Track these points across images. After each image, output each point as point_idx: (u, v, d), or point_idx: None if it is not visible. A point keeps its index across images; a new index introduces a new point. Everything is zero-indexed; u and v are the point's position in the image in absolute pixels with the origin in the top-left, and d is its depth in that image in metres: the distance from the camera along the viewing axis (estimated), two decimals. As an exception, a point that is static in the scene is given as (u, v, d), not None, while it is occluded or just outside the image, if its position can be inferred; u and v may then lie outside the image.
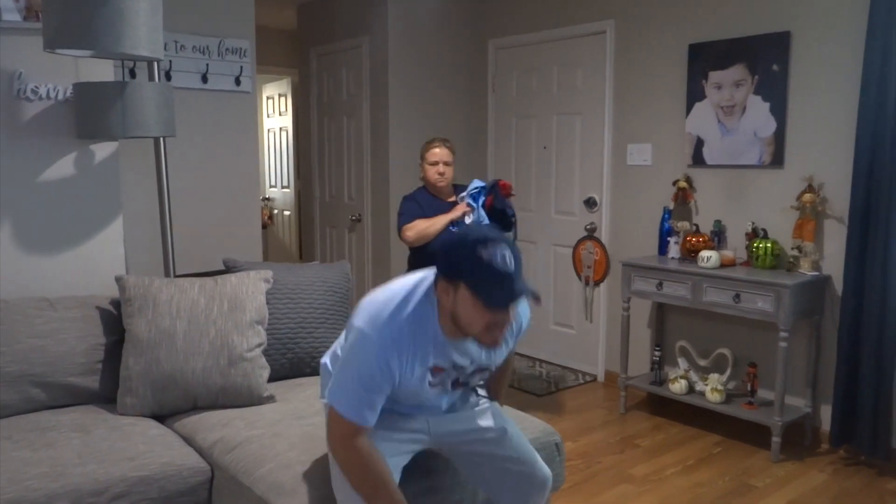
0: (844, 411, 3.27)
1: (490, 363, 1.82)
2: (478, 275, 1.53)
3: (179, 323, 2.44)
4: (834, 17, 3.33)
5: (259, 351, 2.52)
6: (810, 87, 3.44)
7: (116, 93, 2.62)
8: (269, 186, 7.55)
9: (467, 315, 1.58)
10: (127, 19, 2.38)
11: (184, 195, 3.59)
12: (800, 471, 3.21)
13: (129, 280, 2.51)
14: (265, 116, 7.44)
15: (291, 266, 2.92)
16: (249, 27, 3.86)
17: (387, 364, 1.63)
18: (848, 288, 3.22)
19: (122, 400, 2.40)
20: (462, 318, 1.60)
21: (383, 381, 1.65)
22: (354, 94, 5.11)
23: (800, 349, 3.51)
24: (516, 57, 4.84)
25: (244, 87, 3.85)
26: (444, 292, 1.61)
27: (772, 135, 3.57)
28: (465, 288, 1.55)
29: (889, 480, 3.10)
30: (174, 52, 3.59)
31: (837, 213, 3.36)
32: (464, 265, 1.55)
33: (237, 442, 2.17)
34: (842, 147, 3.31)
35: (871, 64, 3.10)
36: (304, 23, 5.62)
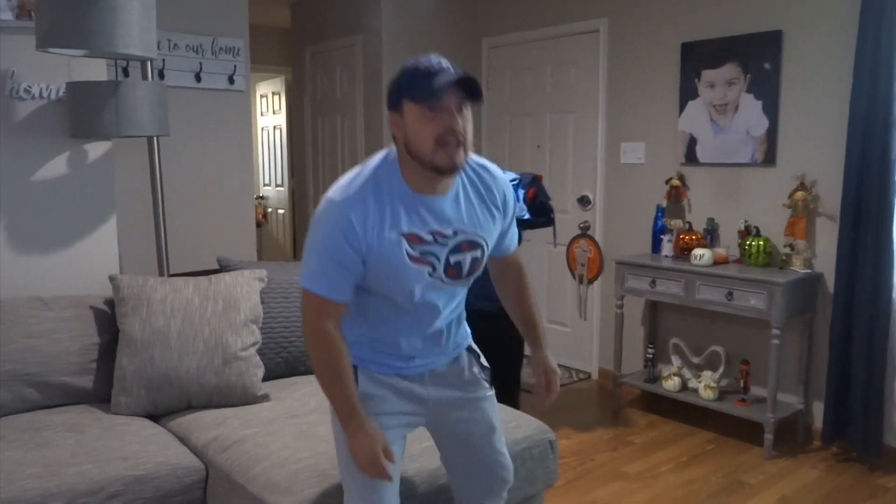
0: (836, 408, 3.29)
1: (476, 231, 1.64)
2: (411, 80, 1.48)
3: (174, 322, 2.44)
4: (825, 17, 3.35)
5: (253, 350, 2.53)
6: (802, 85, 3.45)
7: (110, 92, 2.61)
8: (263, 185, 7.54)
9: (415, 132, 1.48)
10: (120, 18, 2.37)
11: (178, 194, 3.59)
12: (792, 467, 3.23)
13: (123, 279, 2.51)
14: (259, 115, 7.42)
15: (286, 265, 2.92)
16: (243, 26, 3.86)
17: (351, 225, 1.51)
18: (840, 285, 3.24)
19: (117, 399, 2.40)
20: (413, 142, 1.49)
21: (349, 246, 1.52)
22: (348, 93, 5.11)
23: (792, 346, 3.53)
24: (510, 55, 4.84)
25: (238, 85, 3.85)
26: (395, 127, 1.54)
27: (764, 133, 3.58)
28: (406, 103, 1.49)
29: (881, 476, 3.13)
30: (167, 50, 3.58)
31: (829, 210, 3.38)
32: (400, 82, 1.50)
33: (232, 441, 2.17)
34: (833, 145, 3.33)
35: (861, 62, 3.11)
36: (298, 21, 5.61)
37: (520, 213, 3.13)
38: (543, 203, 3.25)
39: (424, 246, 1.57)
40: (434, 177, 1.54)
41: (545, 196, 3.25)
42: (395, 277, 1.58)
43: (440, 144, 1.47)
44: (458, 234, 1.61)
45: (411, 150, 1.51)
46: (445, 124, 1.46)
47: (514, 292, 1.88)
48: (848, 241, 3.21)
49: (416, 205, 1.57)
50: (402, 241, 1.55)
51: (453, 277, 1.65)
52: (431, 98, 1.45)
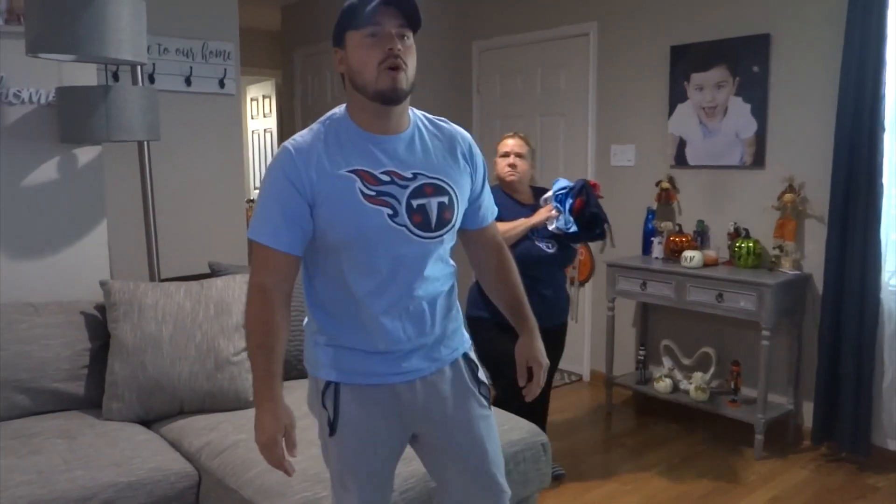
0: (826, 408, 3.31)
1: (438, 176, 1.53)
2: (351, 10, 1.45)
3: (165, 327, 2.44)
4: (812, 20, 3.38)
5: (245, 354, 2.52)
6: (790, 88, 3.48)
7: (100, 97, 2.60)
8: (254, 188, 7.53)
9: (359, 60, 1.44)
10: (110, 23, 2.37)
11: (168, 198, 3.58)
12: (782, 468, 3.25)
13: (114, 285, 2.51)
14: (249, 118, 7.41)
15: (277, 269, 2.91)
16: (233, 29, 3.85)
17: (296, 168, 1.44)
18: (828, 286, 3.27)
19: (108, 405, 2.39)
20: (357, 72, 1.45)
21: (296, 191, 1.44)
22: (339, 96, 5.10)
23: (782, 347, 3.55)
24: (500, 58, 4.86)
25: (228, 89, 3.84)
26: (340, 64, 1.50)
27: (753, 135, 3.61)
28: (349, 34, 1.46)
29: (870, 476, 3.16)
30: (157, 54, 3.57)
31: (817, 212, 3.41)
32: (342, 16, 1.47)
33: (224, 446, 2.17)
34: (821, 148, 3.36)
35: (848, 65, 3.14)
36: (289, 24, 5.61)
37: (565, 225, 2.79)
38: (595, 214, 2.82)
39: (380, 185, 1.47)
40: (381, 110, 1.48)
41: (596, 206, 2.83)
42: (352, 222, 1.46)
43: (382, 69, 1.43)
44: (418, 176, 1.51)
45: (356, 83, 1.46)
46: (386, 47, 1.42)
47: (495, 271, 1.74)
48: (836, 242, 3.23)
49: (366, 143, 1.49)
50: (355, 180, 1.46)
51: (421, 226, 1.49)
52: (370, 19, 1.42)
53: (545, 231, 2.82)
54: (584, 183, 2.85)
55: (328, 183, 1.45)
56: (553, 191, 2.88)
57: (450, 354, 1.64)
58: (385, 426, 1.57)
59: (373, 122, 1.50)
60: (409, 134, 1.53)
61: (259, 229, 1.47)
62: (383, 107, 1.46)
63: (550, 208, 2.83)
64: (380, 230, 1.46)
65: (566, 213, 2.80)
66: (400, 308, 1.52)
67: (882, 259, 3.15)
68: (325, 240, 1.48)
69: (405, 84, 1.45)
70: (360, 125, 1.50)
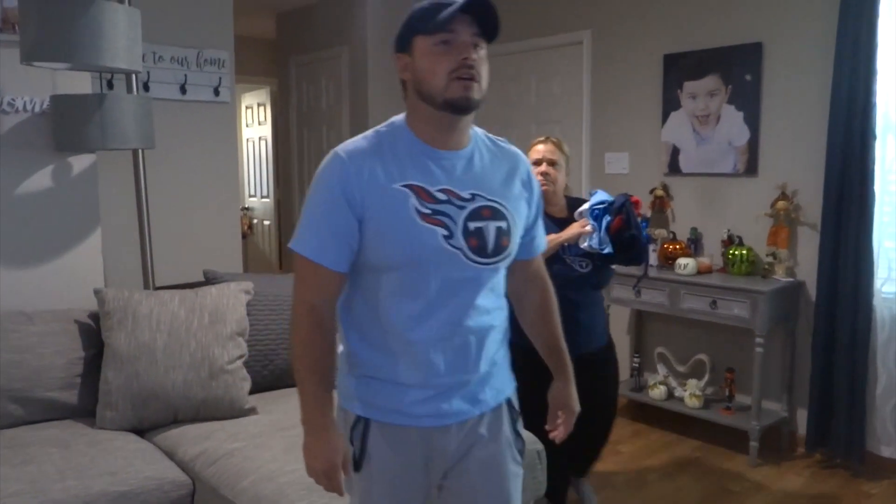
0: (820, 415, 3.32)
1: (497, 199, 1.42)
2: (423, 14, 1.35)
3: (159, 336, 2.43)
4: (804, 29, 3.40)
5: (240, 363, 2.52)
6: (782, 96, 3.51)
7: (94, 105, 2.60)
8: (249, 196, 7.52)
9: (428, 68, 1.34)
10: (105, 32, 2.37)
11: (163, 206, 3.58)
12: (777, 474, 3.26)
13: (109, 293, 2.50)
14: (244, 126, 7.41)
15: (272, 277, 2.92)
16: (228, 38, 3.86)
17: (349, 178, 1.33)
18: (821, 293, 3.28)
19: (102, 414, 2.38)
20: (425, 80, 1.35)
21: (346, 203, 1.33)
22: (334, 104, 5.12)
23: (776, 354, 3.56)
24: (495, 66, 4.82)
25: (223, 97, 3.84)
26: (404, 71, 1.40)
27: (745, 143, 3.63)
28: (417, 39, 1.36)
29: (864, 483, 3.16)
30: (152, 63, 3.57)
31: (810, 219, 3.43)
32: (411, 19, 1.38)
33: (219, 455, 2.16)
34: (814, 155, 3.38)
35: (840, 74, 3.17)
36: (284, 32, 5.62)
37: (599, 245, 2.52)
38: (634, 237, 2.54)
39: (436, 204, 1.36)
40: (447, 122, 1.38)
41: (636, 227, 2.54)
42: (403, 241, 1.34)
43: (453, 78, 1.33)
44: (476, 197, 1.39)
45: (422, 91, 1.36)
46: (460, 56, 1.33)
47: (538, 308, 1.62)
48: (829, 249, 3.25)
49: (424, 157, 1.39)
50: (409, 195, 1.34)
51: (477, 251, 1.38)
52: (444, 26, 1.32)
53: (577, 248, 2.57)
54: (625, 200, 2.55)
55: (380, 196, 1.34)
56: (590, 204, 2.59)
57: (494, 397, 1.49)
58: (412, 472, 1.44)
59: (435, 135, 1.40)
60: (469, 151, 1.44)
61: (304, 242, 1.37)
62: (451, 117, 1.38)
63: (585, 223, 2.55)
64: (433, 252, 1.34)
65: (602, 231, 2.52)
66: (444, 338, 1.39)
67: (874, 266, 3.16)
68: (371, 258, 1.37)
69: (478, 94, 1.37)
70: (420, 137, 1.40)
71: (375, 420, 1.42)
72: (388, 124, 1.44)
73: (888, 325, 3.19)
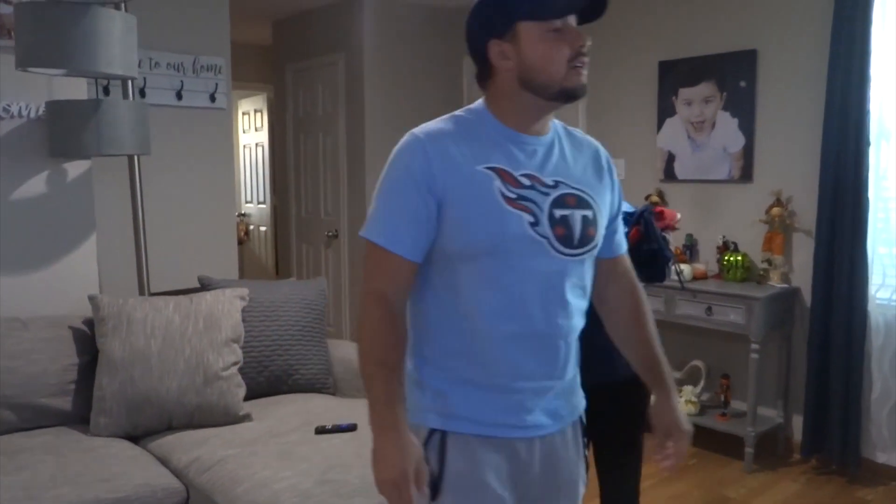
0: (815, 421, 3.33)
1: (581, 187, 1.34)
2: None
3: (154, 342, 2.43)
4: (798, 36, 3.42)
5: (235, 369, 2.51)
6: (777, 103, 3.52)
7: (90, 111, 2.60)
8: (245, 202, 7.51)
9: (542, 53, 1.25)
10: (101, 38, 2.38)
11: (159, 212, 3.57)
12: (773, 481, 3.26)
13: (103, 299, 2.49)
14: (241, 132, 7.41)
15: (267, 283, 2.92)
16: (224, 44, 3.86)
17: (428, 160, 1.24)
18: (816, 299, 3.29)
19: (96, 421, 2.37)
20: (537, 68, 1.25)
21: (425, 187, 1.24)
22: (330, 111, 5.12)
23: (771, 360, 3.57)
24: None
25: (219, 103, 3.84)
26: (501, 58, 1.28)
27: (740, 150, 3.64)
28: (524, 25, 1.25)
29: (859, 489, 3.16)
30: (148, 69, 3.58)
31: (805, 226, 3.44)
32: (508, 5, 1.26)
33: (213, 462, 2.15)
34: (808, 162, 3.39)
35: (834, 81, 3.18)
36: (280, 39, 5.63)
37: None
38: (654, 252, 2.23)
39: (521, 189, 1.27)
40: (544, 109, 1.32)
41: (656, 240, 2.23)
42: (488, 227, 1.23)
43: (571, 66, 1.26)
44: (559, 184, 1.30)
45: (532, 79, 1.26)
46: (576, 44, 1.25)
47: (630, 314, 1.46)
48: (824, 255, 3.26)
49: (507, 141, 1.30)
50: (494, 178, 1.25)
51: (563, 240, 1.27)
52: (561, 12, 1.24)
53: None
54: (644, 210, 2.26)
55: (463, 179, 1.25)
56: None
57: (571, 413, 1.38)
58: (496, 493, 1.29)
59: (521, 122, 1.31)
60: (550, 139, 1.36)
61: (376, 228, 1.27)
62: (554, 105, 1.31)
63: None
64: (518, 239, 1.24)
65: None
66: (531, 337, 1.28)
67: (869, 272, 3.17)
68: (449, 246, 1.26)
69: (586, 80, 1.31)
70: (505, 122, 1.31)
71: (454, 432, 1.27)
72: (466, 109, 1.36)
73: (883, 330, 3.20)
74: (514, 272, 1.25)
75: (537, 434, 1.31)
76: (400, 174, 1.27)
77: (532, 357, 1.28)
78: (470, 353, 1.28)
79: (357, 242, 4.95)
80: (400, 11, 4.89)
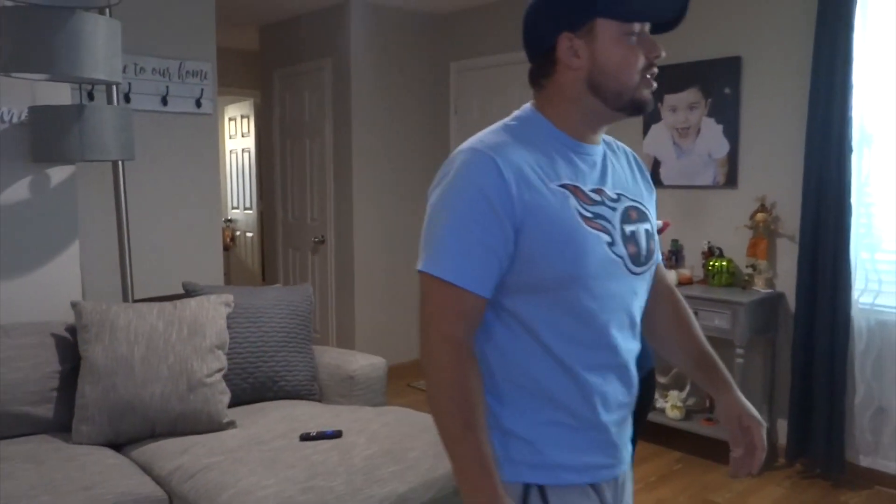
0: (799, 425, 3.34)
1: (637, 199, 1.25)
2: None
3: (137, 349, 2.41)
4: (782, 44, 3.45)
5: (219, 376, 2.50)
6: (761, 109, 3.55)
7: (74, 116, 2.59)
8: (232, 208, 7.49)
9: (620, 57, 1.14)
10: (84, 43, 2.36)
11: (143, 218, 3.56)
12: (758, 485, 3.27)
13: (86, 306, 2.47)
14: (227, 138, 7.39)
15: (253, 289, 2.90)
16: (210, 49, 3.85)
17: (502, 180, 1.09)
18: (800, 304, 3.31)
19: (78, 428, 2.35)
20: (611, 72, 1.14)
21: (502, 212, 1.09)
22: (317, 116, 5.12)
23: (756, 365, 3.59)
24: (478, 79, 4.90)
25: (205, 109, 3.83)
26: (571, 54, 1.15)
27: (725, 156, 3.67)
28: (603, 22, 1.13)
29: (844, 493, 3.18)
30: (134, 74, 3.56)
31: (789, 231, 3.46)
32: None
33: (196, 469, 2.14)
34: (792, 168, 3.42)
35: (817, 88, 3.22)
36: (267, 44, 5.62)
37: None
38: None
39: (593, 206, 1.15)
40: (607, 119, 1.20)
41: None
42: (572, 252, 1.11)
43: (644, 77, 1.17)
44: (621, 197, 1.21)
45: (603, 83, 1.15)
46: (654, 53, 1.16)
47: (672, 319, 1.38)
48: (807, 261, 3.28)
49: (569, 151, 1.18)
50: (569, 196, 1.13)
51: (634, 259, 1.19)
52: (645, 15, 1.15)
53: None
54: None
55: (542, 201, 1.11)
56: None
57: (627, 453, 1.27)
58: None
59: (580, 129, 1.19)
60: (602, 148, 1.25)
61: (443, 262, 1.10)
62: (617, 116, 1.20)
63: None
64: (600, 262, 1.13)
65: None
66: (614, 365, 1.19)
67: (852, 277, 3.20)
68: (525, 276, 1.12)
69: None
70: (561, 128, 1.19)
71: (552, 485, 1.14)
72: (515, 118, 1.22)
73: (865, 335, 3.22)
74: (595, 298, 1.14)
75: (623, 470, 1.23)
76: (472, 198, 1.10)
77: (615, 386, 1.19)
78: (554, 391, 1.14)
79: (344, 248, 4.94)
80: (387, 17, 4.90)
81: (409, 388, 4.76)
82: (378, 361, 2.91)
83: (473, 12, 4.89)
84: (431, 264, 1.11)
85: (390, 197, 5.01)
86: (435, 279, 1.10)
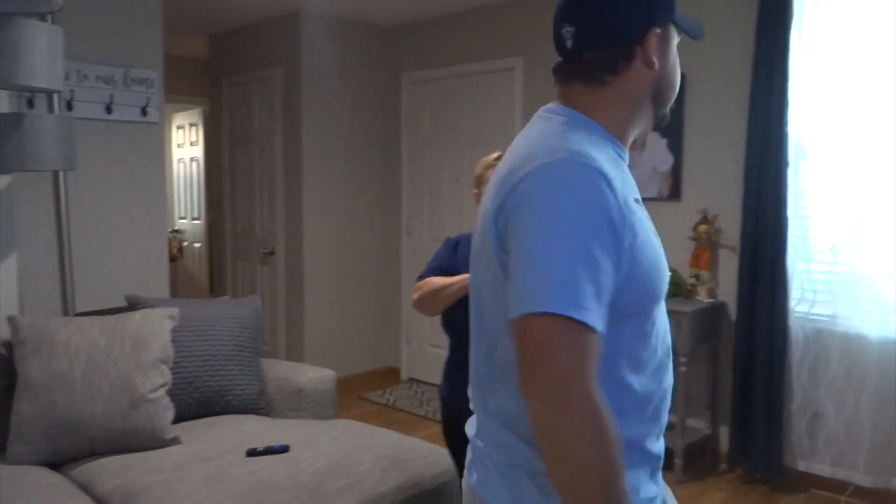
0: (740, 432, 3.44)
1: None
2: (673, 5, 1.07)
3: (77, 364, 2.34)
4: (723, 63, 3.57)
5: (163, 391, 2.45)
6: (703, 125, 3.66)
7: (11, 125, 2.51)
8: (179, 218, 7.35)
9: (674, 68, 1.09)
10: (23, 50, 2.30)
11: (86, 229, 3.46)
12: (701, 490, 3.35)
13: (23, 320, 2.40)
14: (175, 146, 7.26)
15: (199, 301, 2.86)
16: (157, 57, 3.79)
17: (615, 197, 0.93)
18: (741, 313, 3.41)
19: (13, 448, 2.27)
20: (672, 78, 1.08)
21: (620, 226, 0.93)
22: (266, 125, 5.07)
23: (699, 373, 3.68)
24: (429, 91, 4.93)
25: (151, 117, 3.76)
26: (648, 57, 1.04)
27: (669, 169, 3.77)
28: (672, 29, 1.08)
29: (782, 497, 3.28)
30: (76, 81, 3.47)
31: (730, 242, 3.57)
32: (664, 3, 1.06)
33: (138, 488, 2.09)
34: (732, 181, 3.53)
35: (755, 104, 3.33)
36: (217, 52, 5.55)
37: None
38: None
39: (648, 219, 1.06)
40: (641, 129, 1.12)
41: None
42: (658, 272, 1.00)
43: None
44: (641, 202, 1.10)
45: (663, 91, 1.07)
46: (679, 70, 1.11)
47: None
48: (747, 271, 3.39)
49: (621, 159, 1.07)
50: (643, 209, 1.04)
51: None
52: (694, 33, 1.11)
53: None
54: None
55: (633, 216, 0.97)
56: None
57: None
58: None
59: (625, 135, 1.09)
60: None
61: (561, 297, 0.87)
62: (650, 126, 1.15)
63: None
64: (666, 280, 1.04)
65: None
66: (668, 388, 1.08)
67: (789, 287, 3.31)
68: (619, 303, 0.95)
69: None
70: (611, 132, 1.07)
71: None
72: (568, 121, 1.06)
73: (802, 343, 3.34)
74: (661, 320, 1.04)
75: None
76: (588, 215, 0.91)
77: (667, 409, 1.08)
78: (634, 429, 1.01)
79: (293, 260, 4.89)
80: (339, 28, 4.89)
81: (359, 400, 4.73)
82: (327, 374, 2.89)
83: (424, 24, 4.92)
84: (549, 301, 0.87)
85: (341, 208, 4.99)
86: (550, 317, 0.87)
